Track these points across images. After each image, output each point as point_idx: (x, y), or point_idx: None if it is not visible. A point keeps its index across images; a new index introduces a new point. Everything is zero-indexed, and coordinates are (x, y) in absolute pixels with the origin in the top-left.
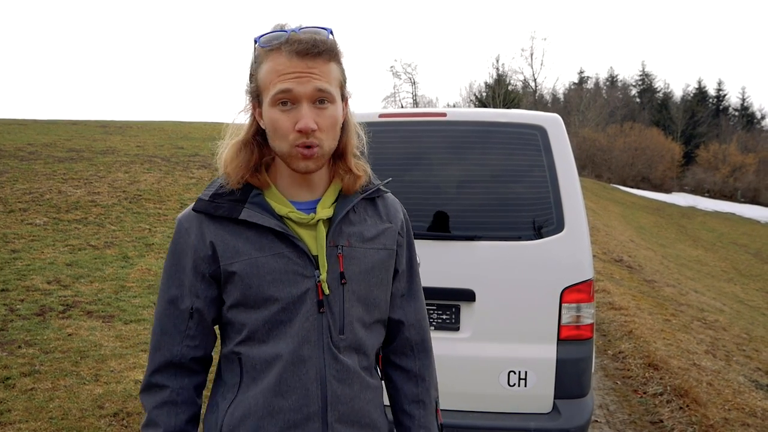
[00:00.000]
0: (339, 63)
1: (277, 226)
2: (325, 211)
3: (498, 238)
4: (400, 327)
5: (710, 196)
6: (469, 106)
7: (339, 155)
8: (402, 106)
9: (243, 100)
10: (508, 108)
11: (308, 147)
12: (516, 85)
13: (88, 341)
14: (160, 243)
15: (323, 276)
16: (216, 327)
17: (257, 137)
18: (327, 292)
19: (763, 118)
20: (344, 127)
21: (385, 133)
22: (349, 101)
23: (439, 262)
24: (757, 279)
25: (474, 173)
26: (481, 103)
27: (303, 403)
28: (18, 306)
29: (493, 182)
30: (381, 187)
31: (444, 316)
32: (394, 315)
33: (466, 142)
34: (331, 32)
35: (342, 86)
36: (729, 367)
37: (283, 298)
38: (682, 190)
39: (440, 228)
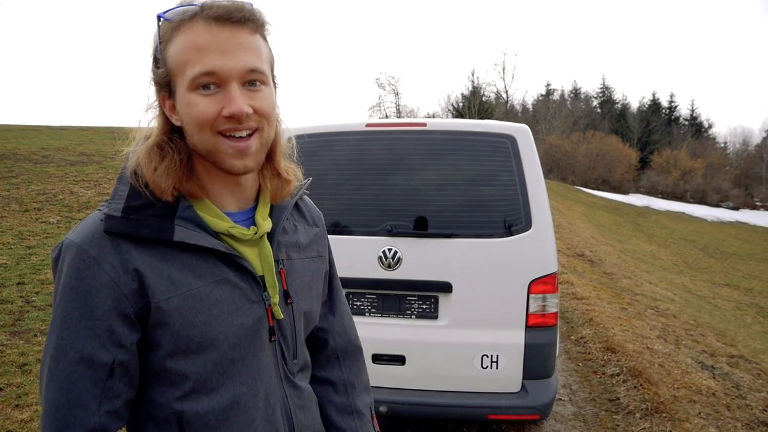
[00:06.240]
0: (266, 39)
1: (220, 246)
2: (266, 223)
3: (473, 236)
4: (322, 336)
5: (663, 197)
6: (447, 116)
7: (266, 156)
8: (386, 116)
9: (147, 95)
10: (482, 117)
11: (241, 139)
12: (489, 97)
13: None
14: None
15: (275, 299)
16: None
17: (171, 138)
18: (281, 316)
19: (710, 127)
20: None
21: (371, 141)
22: (278, 90)
23: (419, 258)
24: (704, 271)
25: (451, 177)
26: (458, 112)
27: None
28: (33, 298)
29: (468, 185)
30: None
31: (424, 306)
32: (317, 324)
33: (444, 150)
34: (252, 5)
35: (272, 68)
36: (678, 350)
37: (234, 333)
38: (638, 191)
39: (421, 226)
